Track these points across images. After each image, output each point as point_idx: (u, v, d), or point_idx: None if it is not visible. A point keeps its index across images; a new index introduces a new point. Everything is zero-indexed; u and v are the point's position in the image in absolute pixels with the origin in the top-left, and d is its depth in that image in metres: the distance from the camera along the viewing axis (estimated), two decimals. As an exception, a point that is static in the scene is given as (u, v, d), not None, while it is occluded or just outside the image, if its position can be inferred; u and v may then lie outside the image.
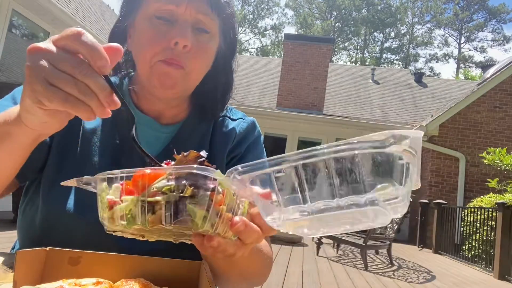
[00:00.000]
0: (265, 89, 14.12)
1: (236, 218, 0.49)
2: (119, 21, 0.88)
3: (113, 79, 0.90)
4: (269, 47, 43.19)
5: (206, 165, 0.49)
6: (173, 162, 0.53)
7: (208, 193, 0.46)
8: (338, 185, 0.40)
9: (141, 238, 0.53)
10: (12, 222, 5.14)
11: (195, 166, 0.46)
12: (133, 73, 0.93)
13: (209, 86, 0.90)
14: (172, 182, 0.45)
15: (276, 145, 11.90)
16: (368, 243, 5.58)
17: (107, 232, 0.51)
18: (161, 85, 0.79)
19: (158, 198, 0.45)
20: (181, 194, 0.45)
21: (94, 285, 0.54)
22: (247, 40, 42.84)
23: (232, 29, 0.90)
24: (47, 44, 0.48)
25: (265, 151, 1.01)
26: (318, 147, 0.40)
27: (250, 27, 43.06)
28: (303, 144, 12.32)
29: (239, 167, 0.45)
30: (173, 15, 0.78)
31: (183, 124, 0.92)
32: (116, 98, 0.49)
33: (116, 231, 0.50)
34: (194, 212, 0.45)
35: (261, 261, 0.79)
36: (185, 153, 0.51)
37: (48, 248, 0.60)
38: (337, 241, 5.97)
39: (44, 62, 0.46)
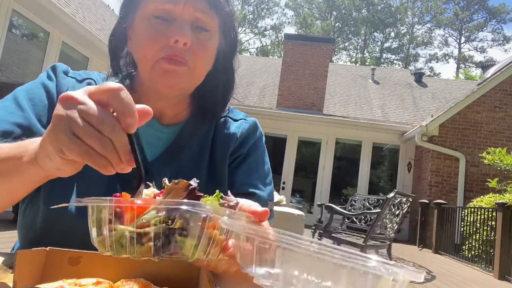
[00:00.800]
0: (265, 89, 14.12)
1: (229, 243, 0.49)
2: (119, 23, 0.87)
3: (113, 80, 0.90)
4: (269, 47, 43.17)
5: (196, 195, 0.49)
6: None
7: (200, 223, 0.45)
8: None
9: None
10: (12, 222, 5.14)
11: (185, 201, 0.44)
12: (134, 72, 0.92)
13: (210, 85, 0.89)
14: (162, 214, 0.44)
15: (276, 145, 11.90)
16: (368, 243, 5.57)
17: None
18: (165, 83, 0.79)
19: (147, 229, 0.44)
20: (170, 226, 0.44)
21: (94, 285, 0.54)
22: (247, 40, 42.84)
23: (232, 28, 0.89)
24: (81, 95, 0.48)
25: (266, 152, 1.01)
26: (303, 242, 0.39)
27: (250, 27, 43.04)
28: (303, 144, 12.32)
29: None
30: (171, 14, 0.78)
31: (185, 124, 0.92)
32: (132, 157, 0.49)
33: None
34: (183, 242, 0.45)
35: None
36: (175, 181, 0.51)
37: (48, 248, 0.60)
38: (337, 241, 5.97)
39: (73, 113, 0.46)
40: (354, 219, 6.87)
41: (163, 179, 0.53)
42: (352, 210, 7.51)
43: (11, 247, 0.93)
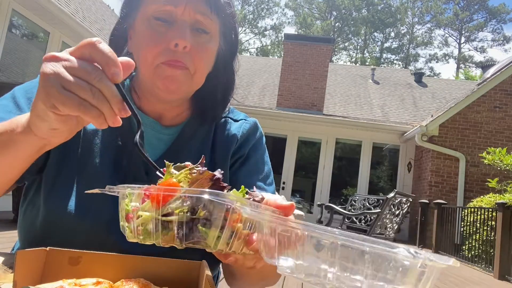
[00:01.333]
0: (265, 89, 14.12)
1: (254, 237, 0.49)
2: (119, 23, 0.87)
3: None
4: (269, 47, 43.18)
5: (220, 185, 0.49)
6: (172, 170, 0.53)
7: (222, 214, 0.45)
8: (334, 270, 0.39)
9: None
10: (12, 222, 5.14)
11: (208, 190, 0.45)
12: (134, 73, 0.92)
13: (209, 87, 0.89)
14: (187, 203, 0.45)
15: (276, 145, 11.90)
16: (368, 243, 5.57)
17: (129, 241, 0.51)
18: (166, 89, 0.79)
19: (171, 218, 0.45)
20: (193, 216, 0.45)
21: (94, 285, 0.54)
22: (247, 40, 42.85)
23: (232, 30, 0.89)
24: (63, 53, 0.49)
25: (267, 152, 1.01)
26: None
27: (250, 27, 43.05)
28: (303, 144, 12.32)
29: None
30: (171, 16, 0.77)
31: (185, 125, 0.92)
32: (126, 106, 0.50)
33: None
34: (206, 233, 0.45)
35: None
36: (201, 170, 0.51)
37: (48, 248, 0.60)
38: (337, 241, 5.98)
39: (59, 68, 0.48)
40: (354, 219, 6.87)
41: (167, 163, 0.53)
42: (352, 210, 7.51)
43: (11, 247, 0.93)
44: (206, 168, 0.52)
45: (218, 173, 0.51)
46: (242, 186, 0.54)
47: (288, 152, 11.88)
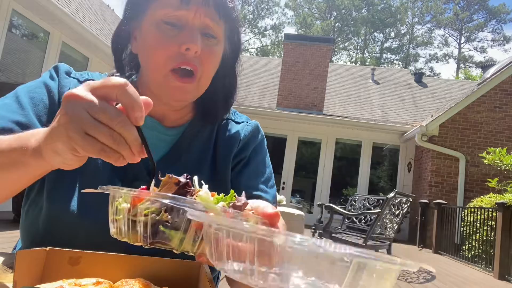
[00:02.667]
0: (265, 89, 14.12)
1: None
2: (123, 23, 0.87)
3: None
4: (269, 47, 43.18)
5: (185, 190, 0.51)
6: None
7: (184, 217, 0.47)
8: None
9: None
10: (12, 222, 5.14)
11: (169, 195, 0.47)
12: (135, 74, 0.92)
13: (212, 89, 0.90)
14: (155, 205, 0.48)
15: (276, 145, 11.90)
16: (368, 243, 5.57)
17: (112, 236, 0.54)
18: (173, 98, 0.81)
19: (138, 218, 0.48)
20: (157, 218, 0.47)
21: (94, 285, 0.54)
22: (247, 40, 42.83)
23: (236, 33, 0.90)
24: (85, 93, 0.49)
25: (268, 154, 1.02)
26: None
27: (250, 27, 43.04)
28: (303, 144, 12.32)
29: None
30: (181, 20, 0.78)
31: (187, 127, 0.92)
32: (144, 149, 0.51)
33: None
34: (171, 235, 0.47)
35: None
36: (170, 175, 0.53)
37: (48, 248, 0.60)
38: (337, 241, 5.97)
39: (82, 113, 0.47)
40: (354, 219, 6.87)
41: (161, 174, 0.55)
42: (352, 210, 7.51)
43: (11, 247, 0.93)
44: (172, 175, 0.54)
45: (183, 178, 0.52)
46: (232, 191, 0.55)
47: (288, 152, 11.88)
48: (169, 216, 0.47)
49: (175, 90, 0.79)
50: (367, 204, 7.37)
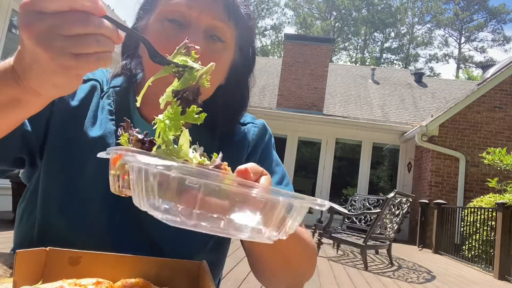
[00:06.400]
0: (265, 89, 14.13)
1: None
2: (134, 25, 0.84)
3: (120, 80, 0.87)
4: (269, 47, 43.19)
5: (146, 146, 0.54)
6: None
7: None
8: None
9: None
10: (12, 222, 5.14)
11: (131, 148, 0.52)
12: (140, 74, 0.89)
13: (221, 101, 0.86)
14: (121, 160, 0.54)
15: (276, 145, 11.86)
16: (368, 243, 5.57)
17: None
18: None
19: (112, 172, 0.55)
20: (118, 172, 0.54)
21: (94, 285, 0.54)
22: (247, 40, 42.81)
23: (250, 44, 0.86)
24: (40, 2, 0.43)
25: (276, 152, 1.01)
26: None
27: (250, 27, 43.03)
28: (303, 144, 12.32)
29: None
30: (185, 18, 0.75)
31: (189, 130, 0.90)
32: (118, 32, 0.48)
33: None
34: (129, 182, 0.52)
35: (302, 247, 0.77)
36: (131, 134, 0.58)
37: (48, 248, 0.60)
38: (337, 241, 5.97)
39: (58, 40, 0.43)
40: (354, 219, 6.87)
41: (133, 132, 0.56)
42: (352, 210, 7.51)
43: (11, 247, 0.93)
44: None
45: (140, 135, 0.56)
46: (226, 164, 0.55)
47: (288, 152, 11.89)
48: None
49: None
50: (367, 204, 7.37)
